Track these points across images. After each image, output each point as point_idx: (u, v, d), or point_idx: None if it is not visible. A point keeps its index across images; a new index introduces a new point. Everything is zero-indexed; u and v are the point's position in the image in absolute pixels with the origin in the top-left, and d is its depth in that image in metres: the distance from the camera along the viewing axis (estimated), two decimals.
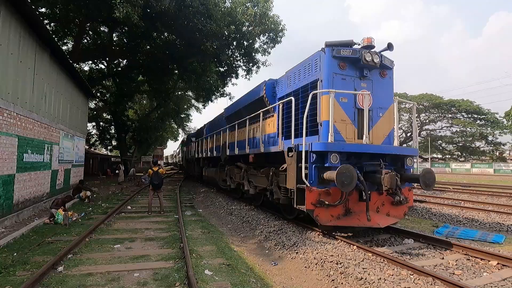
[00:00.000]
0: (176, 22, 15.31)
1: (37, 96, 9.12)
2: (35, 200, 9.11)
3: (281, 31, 20.07)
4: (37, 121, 9.13)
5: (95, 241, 6.18)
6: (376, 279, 4.15)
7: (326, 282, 4.46)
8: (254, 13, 18.16)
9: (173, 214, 9.22)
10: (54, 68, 10.63)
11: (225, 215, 9.80)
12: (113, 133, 36.61)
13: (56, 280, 4.17)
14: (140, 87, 26.80)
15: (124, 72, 23.38)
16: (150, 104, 36.48)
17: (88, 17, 15.32)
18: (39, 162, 9.32)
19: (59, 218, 7.69)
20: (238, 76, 23.53)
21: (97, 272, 4.47)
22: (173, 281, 4.19)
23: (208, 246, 5.94)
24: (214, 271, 4.58)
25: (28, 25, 8.22)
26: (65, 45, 20.64)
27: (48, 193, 10.29)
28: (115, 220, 8.27)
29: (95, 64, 24.71)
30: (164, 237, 6.53)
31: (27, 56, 8.39)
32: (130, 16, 12.14)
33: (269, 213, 8.91)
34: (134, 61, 21.47)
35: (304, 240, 6.11)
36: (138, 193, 14.51)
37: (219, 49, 17.54)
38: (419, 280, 4.08)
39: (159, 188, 9.49)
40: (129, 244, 6.01)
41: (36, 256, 5.16)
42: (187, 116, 45.19)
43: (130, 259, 5.12)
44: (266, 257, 5.74)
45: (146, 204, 9.85)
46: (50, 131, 10.31)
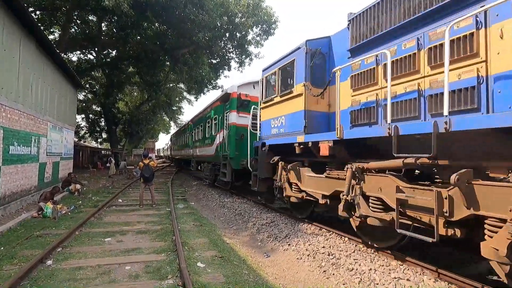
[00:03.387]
0: (167, 12, 14.99)
1: (23, 87, 8.82)
2: (22, 193, 8.90)
3: (274, 23, 19.91)
4: (23, 112, 8.86)
5: (85, 234, 6.10)
6: (367, 270, 4.22)
7: (318, 273, 4.51)
8: (247, 4, 17.94)
9: (165, 207, 9.17)
10: (40, 58, 10.29)
11: (218, 207, 9.79)
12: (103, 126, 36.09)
13: (45, 274, 4.10)
14: (131, 78, 26.32)
15: (114, 63, 22.87)
16: (141, 96, 35.95)
17: (75, 5, 14.84)
18: (26, 155, 9.08)
19: (47, 212, 7.54)
20: (230, 68, 23.38)
21: (88, 265, 4.41)
22: (165, 274, 4.17)
23: (200, 238, 5.93)
24: (207, 264, 4.58)
25: (12, 12, 7.89)
26: (52, 34, 20.02)
27: (36, 186, 10.07)
28: (105, 214, 8.17)
29: (83, 54, 24.10)
30: (156, 230, 6.48)
31: (12, 45, 8.07)
32: (119, 5, 11.83)
33: (262, 206, 8.93)
34: (124, 51, 21.01)
35: (296, 232, 6.16)
36: (129, 186, 14.35)
37: (212, 40, 17.32)
38: (409, 270, 4.16)
39: (150, 181, 9.39)
40: (120, 237, 5.94)
41: (24, 250, 5.05)
42: (179, 108, 44.83)
43: (121, 252, 5.06)
44: (259, 249, 5.77)
45: (138, 197, 9.75)
46: (37, 123, 10.04)
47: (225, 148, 10.77)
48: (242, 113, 10.41)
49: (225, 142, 10.79)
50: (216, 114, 12.69)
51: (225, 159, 10.81)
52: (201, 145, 15.60)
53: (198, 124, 16.93)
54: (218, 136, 11.87)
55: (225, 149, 10.72)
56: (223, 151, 10.95)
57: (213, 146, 12.64)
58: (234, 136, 10.24)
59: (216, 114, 12.69)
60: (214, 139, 12.61)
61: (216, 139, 12.30)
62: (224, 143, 10.94)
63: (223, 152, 10.93)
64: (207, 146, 14.05)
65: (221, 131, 11.42)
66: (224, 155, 10.82)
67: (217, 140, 12.00)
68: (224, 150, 10.88)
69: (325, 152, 5.07)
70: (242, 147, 9.87)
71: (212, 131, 13.07)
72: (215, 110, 12.86)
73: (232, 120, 10.48)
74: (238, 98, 10.49)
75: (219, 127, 11.85)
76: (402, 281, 3.87)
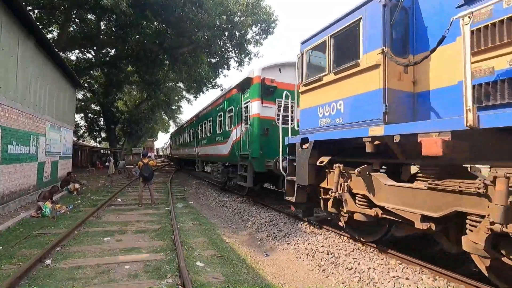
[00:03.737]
0: (166, 11, 14.95)
1: (21, 86, 8.80)
2: (21, 192, 8.88)
3: (274, 22, 19.88)
4: (22, 112, 8.83)
5: (84, 233, 6.09)
6: (366, 269, 4.23)
7: (317, 272, 4.52)
8: (246, 3, 17.92)
9: (164, 206, 9.16)
10: (39, 57, 10.25)
11: (217, 207, 9.79)
12: (102, 125, 36.00)
13: (44, 273, 4.09)
14: (130, 77, 26.26)
15: (112, 62, 22.80)
16: (140, 95, 35.88)
17: (74, 4, 14.78)
18: (24, 154, 9.06)
19: (46, 211, 7.53)
20: (230, 67, 23.33)
21: (87, 265, 4.41)
22: (164, 273, 4.16)
23: (199, 238, 5.93)
24: (206, 263, 4.58)
25: (10, 11, 7.86)
26: (50, 33, 19.94)
27: (35, 185, 10.04)
28: (105, 213, 8.15)
29: (82, 54, 24.00)
30: (155, 229, 6.48)
31: (10, 44, 8.04)
32: (118, 4, 11.79)
33: (261, 205, 8.93)
34: (123, 50, 20.94)
35: (296, 231, 6.16)
36: (129, 186, 14.33)
37: (211, 39, 17.29)
38: (408, 269, 4.17)
39: (149, 180, 9.37)
40: (119, 237, 5.94)
41: (23, 249, 5.04)
42: (178, 108, 44.76)
43: (120, 251, 5.06)
44: (258, 248, 5.77)
45: (137, 196, 9.74)
46: (35, 122, 10.01)
47: (245, 146, 8.88)
48: (266, 102, 8.38)
49: (245, 139, 8.88)
50: (231, 105, 10.49)
51: (244, 160, 8.96)
52: (210, 143, 13.36)
53: (205, 119, 14.63)
54: (235, 132, 9.78)
55: (245, 148, 8.86)
56: (242, 150, 9.11)
57: (227, 144, 10.61)
58: (258, 131, 8.27)
59: (231, 105, 10.49)
60: (228, 135, 10.57)
61: (231, 135, 10.22)
62: (243, 140, 9.07)
63: (242, 151, 9.10)
64: (218, 144, 11.86)
65: (239, 125, 9.44)
66: (243, 154, 9.01)
67: (233, 136, 9.96)
68: (243, 149, 8.98)
69: (435, 150, 3.24)
70: (268, 145, 8.18)
71: (226, 126, 10.90)
72: (230, 100, 10.61)
73: (255, 111, 8.44)
74: (262, 84, 8.40)
75: (236, 120, 9.72)
76: (401, 280, 3.88)
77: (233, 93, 10.29)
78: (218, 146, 11.89)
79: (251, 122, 8.59)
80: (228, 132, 10.68)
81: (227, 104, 11.05)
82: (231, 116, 10.53)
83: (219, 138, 11.90)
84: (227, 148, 10.71)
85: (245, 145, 8.97)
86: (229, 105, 10.81)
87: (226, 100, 11.27)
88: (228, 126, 10.76)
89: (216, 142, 12.22)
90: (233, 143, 10.03)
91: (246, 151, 8.79)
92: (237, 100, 9.80)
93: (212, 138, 12.97)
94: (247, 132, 8.82)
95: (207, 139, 14.13)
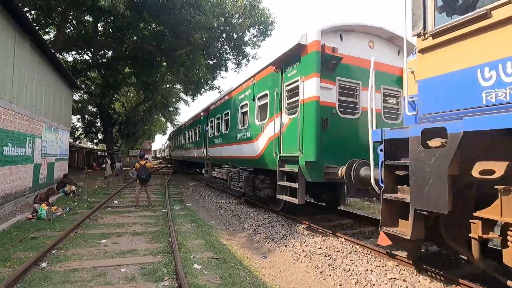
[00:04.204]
0: (164, 12, 14.95)
1: (17, 87, 8.74)
2: (16, 195, 8.80)
3: (271, 24, 19.95)
4: (18, 113, 8.77)
5: (81, 236, 6.04)
6: (364, 271, 4.23)
7: (314, 274, 4.51)
8: (244, 5, 17.97)
9: (162, 208, 9.11)
10: (35, 58, 10.20)
11: (214, 209, 9.76)
12: (99, 126, 35.84)
13: (39, 276, 4.04)
14: (127, 79, 26.20)
15: (110, 64, 22.75)
16: (138, 97, 35.79)
17: (71, 5, 14.74)
18: (20, 156, 8.98)
19: (42, 213, 7.46)
20: (227, 69, 23.36)
21: (83, 267, 4.37)
22: (161, 276, 4.14)
23: (197, 240, 5.90)
24: (203, 265, 4.55)
25: (6, 11, 7.82)
26: (47, 34, 19.87)
27: (31, 187, 9.96)
28: (101, 215, 8.10)
29: (79, 55, 23.94)
30: (152, 232, 6.44)
31: (6, 44, 7.99)
32: (115, 5, 11.76)
33: (259, 207, 8.91)
34: (120, 52, 20.93)
35: (293, 233, 6.16)
36: (125, 188, 14.26)
37: (208, 41, 17.28)
38: (405, 270, 4.18)
39: (146, 182, 9.33)
40: (116, 239, 5.89)
41: (18, 252, 4.99)
42: (175, 109, 44.69)
43: (117, 254, 5.02)
44: (256, 250, 5.76)
45: (134, 198, 9.69)
46: (31, 124, 9.94)
47: (290, 145, 6.29)
48: (325, 81, 5.81)
49: (291, 135, 6.30)
50: (263, 89, 7.75)
51: (285, 164, 6.52)
52: (227, 142, 10.57)
53: (219, 113, 11.84)
54: (271, 126, 7.12)
55: (290, 147, 6.28)
56: (284, 150, 6.55)
57: (258, 142, 7.93)
58: (315, 123, 5.63)
59: (263, 89, 7.75)
60: (258, 131, 7.89)
61: (265, 130, 7.54)
62: (287, 136, 6.51)
63: (284, 151, 6.53)
64: (241, 142, 9.13)
65: (277, 116, 6.86)
66: (285, 157, 6.45)
67: (268, 132, 7.30)
68: (287, 149, 6.41)
69: None
70: (330, 143, 5.78)
71: (255, 119, 8.17)
72: (262, 84, 7.84)
73: (311, 92, 5.74)
74: (322, 53, 5.70)
75: (273, 110, 7.02)
76: (398, 281, 3.88)
77: (267, 74, 7.59)
78: (241, 145, 9.20)
79: (303, 110, 5.89)
80: (259, 126, 7.97)
81: (257, 89, 8.26)
82: (264, 105, 7.85)
83: (242, 136, 9.19)
84: (256, 148, 8.06)
85: (290, 144, 6.32)
86: (260, 90, 8.05)
87: (254, 85, 8.39)
88: (259, 119, 8.09)
89: (237, 141, 9.53)
90: (268, 141, 7.34)
91: (292, 152, 6.22)
92: (274, 81, 7.20)
93: (230, 136, 10.29)
94: (294, 125, 6.17)
95: (221, 137, 11.44)
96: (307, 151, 5.74)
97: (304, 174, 5.82)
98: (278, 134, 6.85)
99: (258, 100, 8.20)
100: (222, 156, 11.43)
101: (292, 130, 6.34)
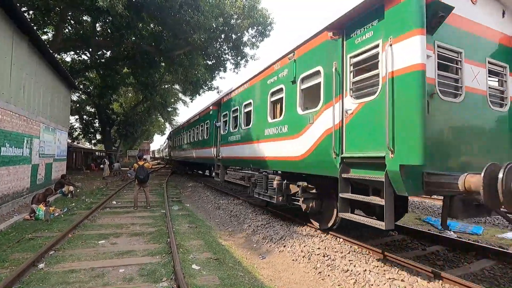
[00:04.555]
0: (162, 13, 14.95)
1: (15, 87, 8.70)
2: (14, 195, 8.76)
3: (270, 25, 19.99)
4: (15, 113, 8.74)
5: (79, 237, 6.02)
6: (362, 271, 4.23)
7: (313, 274, 4.52)
8: (243, 6, 17.99)
9: (160, 208, 9.10)
10: (33, 58, 10.16)
11: (213, 209, 9.75)
12: (97, 127, 35.78)
13: (37, 277, 4.03)
14: (126, 79, 26.17)
15: (108, 64, 22.70)
16: (136, 97, 35.75)
17: (69, 5, 14.71)
18: (18, 156, 8.95)
19: (40, 214, 7.43)
20: (226, 69, 23.40)
21: (81, 268, 4.36)
22: (160, 276, 4.13)
23: (195, 240, 5.89)
24: (202, 266, 4.55)
25: (3, 11, 7.79)
26: (45, 34, 19.81)
27: (29, 188, 9.92)
28: (99, 216, 8.07)
29: (77, 55, 23.89)
30: (150, 232, 6.43)
31: (4, 44, 7.96)
32: (114, 5, 11.75)
33: (257, 208, 8.91)
34: (119, 52, 20.88)
35: (292, 234, 6.16)
36: (124, 188, 14.22)
37: (207, 41, 17.30)
38: (403, 270, 4.19)
39: (145, 182, 9.31)
40: (114, 240, 5.88)
41: (16, 253, 4.97)
42: (174, 109, 44.68)
43: (115, 254, 5.01)
44: (254, 250, 5.76)
45: (132, 199, 9.66)
46: (29, 124, 9.90)
47: (364, 141, 4.44)
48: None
49: (365, 126, 4.44)
50: (313, 65, 5.66)
51: (349, 170, 4.68)
52: (249, 139, 8.43)
53: (237, 104, 9.61)
54: (326, 115, 5.17)
55: (362, 144, 4.46)
56: (351, 148, 4.67)
57: (302, 138, 5.86)
58: (418, 105, 3.68)
59: (313, 65, 5.66)
60: (304, 122, 5.83)
61: (315, 122, 5.50)
62: (352, 128, 4.69)
63: (351, 149, 4.67)
64: (274, 139, 7.01)
65: (337, 100, 4.93)
66: (355, 158, 4.57)
67: (321, 123, 5.31)
68: (355, 146, 4.59)
69: None
70: (434, 139, 3.90)
71: (298, 106, 6.06)
72: (311, 57, 5.77)
73: (409, 60, 3.78)
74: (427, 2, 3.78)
75: (332, 91, 4.97)
76: (397, 281, 3.89)
77: (318, 44, 5.55)
78: (273, 143, 7.20)
79: (393, 88, 3.95)
80: (304, 117, 5.88)
81: (299, 67, 6.16)
82: (312, 88, 5.87)
83: (274, 131, 7.11)
84: (299, 146, 5.96)
85: (363, 139, 4.48)
86: (305, 68, 5.95)
87: (294, 63, 6.29)
88: (303, 107, 6.14)
89: (266, 138, 7.52)
90: (321, 136, 5.32)
91: (368, 151, 4.33)
92: (330, 53, 5.12)
93: (254, 132, 8.31)
94: (371, 112, 4.33)
95: (239, 134, 9.42)
96: (403, 149, 3.73)
97: (396, 184, 3.83)
98: (338, 126, 4.91)
99: (301, 82, 6.08)
100: (241, 157, 9.30)
101: (365, 119, 4.47)
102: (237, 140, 9.60)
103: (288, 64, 6.60)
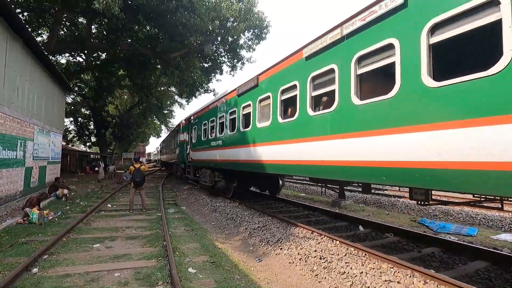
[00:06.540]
0: (158, 15, 14.94)
1: (8, 89, 8.61)
2: (7, 199, 8.64)
3: (266, 28, 20.07)
4: (9, 116, 8.64)
5: (73, 240, 5.94)
6: (358, 273, 4.24)
7: (310, 277, 4.52)
8: (239, 9, 18.03)
9: (156, 212, 9.03)
10: (27, 60, 10.07)
11: (209, 212, 9.71)
12: (92, 129, 35.47)
13: (31, 282, 3.97)
14: (121, 81, 26.01)
15: (103, 66, 22.55)
16: (132, 99, 35.54)
17: (65, 7, 14.62)
18: (11, 159, 8.84)
19: (33, 218, 7.33)
20: (222, 72, 23.41)
21: (75, 272, 4.30)
22: (155, 280, 4.09)
23: (191, 243, 5.86)
24: (198, 269, 4.52)
25: None
26: (40, 36, 19.65)
27: (22, 191, 9.79)
28: (94, 219, 7.99)
29: (72, 57, 23.70)
30: (146, 236, 6.38)
31: None
32: (110, 8, 11.69)
33: (254, 210, 8.90)
34: (114, 54, 20.77)
35: (288, 236, 6.16)
36: (119, 191, 14.10)
37: (203, 44, 17.31)
38: (399, 272, 4.20)
39: (141, 185, 9.25)
40: (109, 243, 5.82)
41: (8, 257, 4.89)
42: (170, 112, 44.48)
43: (110, 258, 4.96)
44: (251, 253, 5.74)
45: (127, 202, 9.58)
46: (23, 126, 9.79)
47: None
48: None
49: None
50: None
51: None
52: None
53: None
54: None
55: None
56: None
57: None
58: None
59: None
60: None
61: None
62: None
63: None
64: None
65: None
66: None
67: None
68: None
69: None
70: None
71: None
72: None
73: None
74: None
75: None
76: (393, 283, 3.91)
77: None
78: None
79: None
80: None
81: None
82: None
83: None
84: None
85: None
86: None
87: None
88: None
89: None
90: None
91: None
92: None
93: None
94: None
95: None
96: None
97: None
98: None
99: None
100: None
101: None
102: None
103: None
